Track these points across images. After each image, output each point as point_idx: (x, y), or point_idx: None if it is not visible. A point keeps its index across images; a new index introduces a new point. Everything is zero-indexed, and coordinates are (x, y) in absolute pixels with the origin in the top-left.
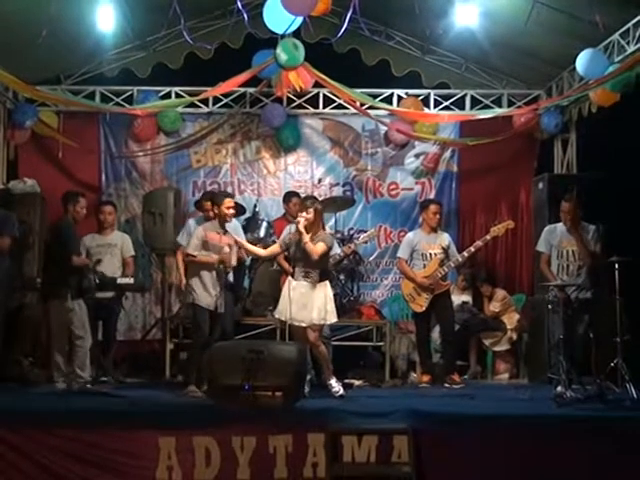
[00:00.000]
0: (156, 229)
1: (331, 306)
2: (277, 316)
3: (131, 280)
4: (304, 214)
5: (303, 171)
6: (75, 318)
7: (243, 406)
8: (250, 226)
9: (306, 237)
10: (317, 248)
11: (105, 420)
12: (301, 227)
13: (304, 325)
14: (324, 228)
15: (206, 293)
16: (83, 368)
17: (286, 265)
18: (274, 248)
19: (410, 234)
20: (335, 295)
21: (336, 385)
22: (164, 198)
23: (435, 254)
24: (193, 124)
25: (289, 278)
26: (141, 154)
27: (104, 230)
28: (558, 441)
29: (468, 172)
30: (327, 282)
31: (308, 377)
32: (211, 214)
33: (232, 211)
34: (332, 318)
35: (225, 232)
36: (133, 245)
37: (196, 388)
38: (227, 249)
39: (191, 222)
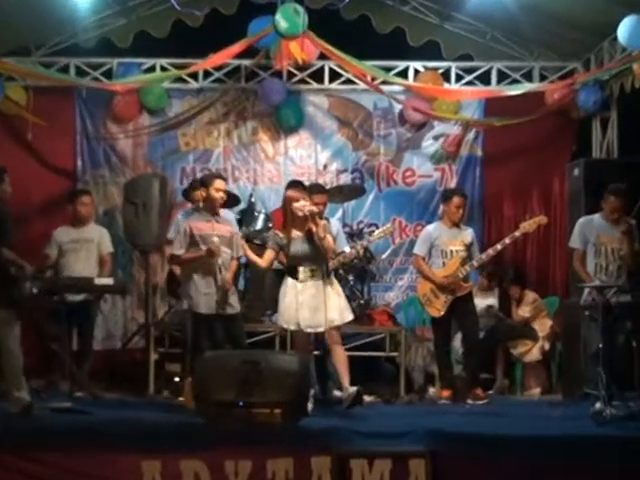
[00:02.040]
0: (139, 222)
1: (345, 302)
2: (285, 326)
3: (110, 281)
4: (302, 202)
5: (306, 156)
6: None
7: (237, 425)
8: (245, 219)
9: (322, 230)
10: (331, 241)
11: (79, 441)
12: (318, 219)
13: (321, 330)
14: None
15: (203, 296)
16: (19, 388)
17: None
18: (269, 254)
19: (429, 227)
20: None
21: (350, 387)
22: (148, 186)
23: (457, 251)
24: (181, 102)
25: (290, 282)
26: (122, 136)
27: (79, 223)
28: (597, 465)
29: (494, 157)
30: (333, 277)
31: (312, 392)
32: (201, 204)
33: (222, 194)
34: (349, 315)
35: (217, 220)
36: (112, 240)
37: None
38: (216, 239)
39: (180, 216)
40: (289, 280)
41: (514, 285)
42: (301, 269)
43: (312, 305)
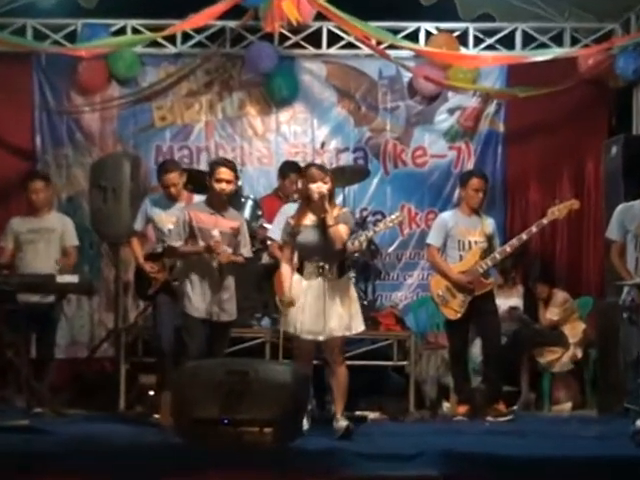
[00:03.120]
0: (107, 209)
1: (356, 309)
2: (285, 329)
3: (75, 278)
4: (320, 184)
5: (301, 132)
6: None
7: (222, 446)
8: (231, 205)
9: (332, 216)
10: (342, 231)
11: (37, 465)
12: (327, 204)
13: (321, 339)
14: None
15: (198, 297)
16: None
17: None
18: (286, 252)
19: (444, 215)
20: None
21: (342, 420)
22: (118, 168)
23: (476, 242)
24: (156, 69)
25: (296, 278)
26: (87, 109)
27: (37, 211)
28: None
29: (518, 133)
30: (348, 277)
31: (308, 408)
32: (173, 191)
33: (224, 186)
34: (358, 326)
35: (223, 215)
36: (77, 231)
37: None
38: (216, 233)
39: (148, 201)
40: (296, 276)
41: (541, 283)
42: (307, 264)
43: (315, 308)
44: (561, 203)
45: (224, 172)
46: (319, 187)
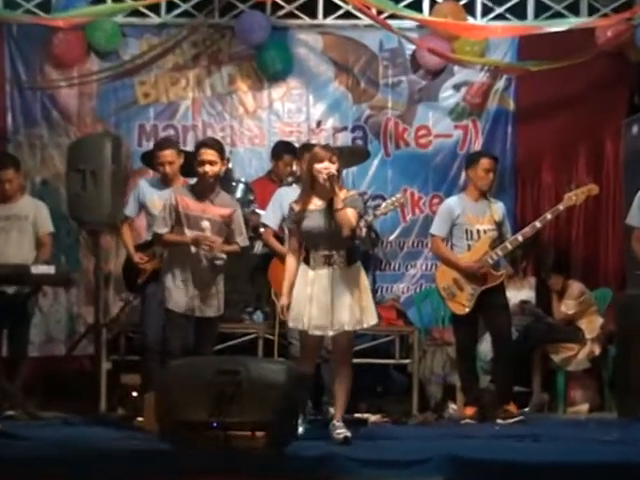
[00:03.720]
0: (87, 194)
1: (368, 301)
2: (292, 325)
3: (50, 269)
4: (327, 164)
5: (295, 110)
6: None
7: (210, 451)
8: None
9: (340, 199)
10: (350, 215)
11: (10, 473)
12: (336, 185)
13: (330, 333)
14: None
15: (180, 291)
16: None
17: (278, 246)
18: (292, 242)
19: (450, 201)
20: None
21: (340, 427)
22: (98, 149)
23: (485, 231)
24: (138, 41)
25: (302, 268)
26: (64, 85)
27: (8, 198)
28: None
29: (530, 111)
30: (359, 265)
31: (304, 410)
32: (168, 170)
33: (208, 168)
34: (371, 319)
35: (212, 200)
36: (53, 218)
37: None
38: (206, 224)
39: (143, 184)
40: (302, 266)
41: (555, 274)
42: (314, 252)
43: (323, 301)
44: (578, 188)
45: (206, 153)
46: (327, 167)
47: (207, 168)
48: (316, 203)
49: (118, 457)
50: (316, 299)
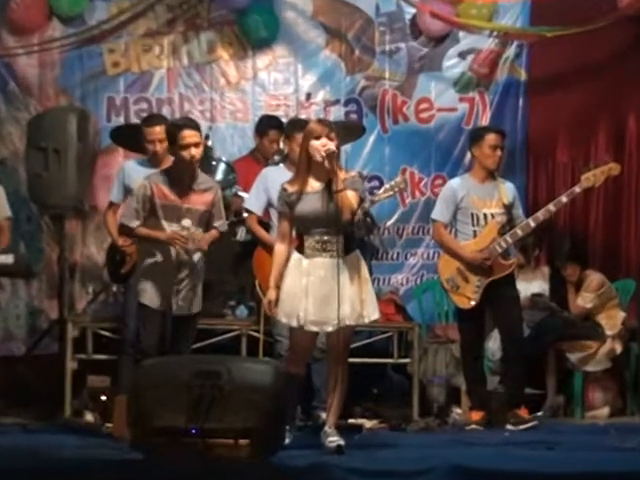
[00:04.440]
0: (49, 175)
1: (368, 292)
2: (285, 321)
3: (9, 258)
4: (325, 140)
5: (282, 81)
6: None
7: (188, 461)
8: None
9: (340, 179)
10: (351, 198)
11: None
12: (335, 164)
13: (329, 329)
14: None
15: (154, 285)
16: None
17: (263, 233)
18: (283, 226)
19: (453, 183)
20: None
21: (333, 434)
22: (62, 125)
23: (492, 215)
24: (106, 4)
25: (295, 257)
26: (23, 53)
27: None
28: None
29: (544, 82)
30: (358, 253)
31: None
32: (158, 149)
33: (194, 151)
34: (373, 313)
35: (192, 187)
36: (10, 201)
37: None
38: (187, 223)
39: (128, 165)
40: (295, 254)
41: (571, 263)
42: (309, 239)
43: (320, 293)
44: (597, 167)
45: (190, 135)
46: (325, 144)
47: (194, 151)
48: (312, 185)
49: (85, 468)
50: (312, 291)
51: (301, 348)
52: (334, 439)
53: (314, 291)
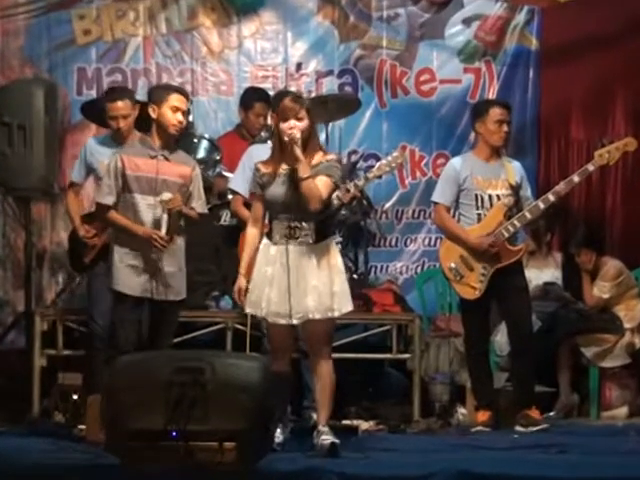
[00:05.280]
0: (14, 154)
1: (341, 284)
2: (249, 311)
3: None
4: (292, 122)
5: (270, 50)
6: None
7: (168, 467)
8: (179, 147)
9: (306, 166)
10: (321, 186)
11: None
12: (298, 151)
13: (293, 322)
14: (322, 148)
15: (131, 269)
16: None
17: (247, 214)
18: (256, 208)
19: (455, 161)
20: None
21: (326, 432)
22: (28, 98)
23: (499, 197)
24: None
25: (264, 243)
26: None
27: None
28: None
29: (557, 51)
30: (331, 242)
31: (282, 415)
32: (122, 125)
33: (181, 116)
34: (345, 306)
35: (167, 156)
36: None
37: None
38: (167, 196)
39: (90, 143)
40: (264, 240)
41: (586, 249)
42: (277, 224)
43: (285, 282)
44: (611, 143)
45: (180, 99)
46: (291, 127)
47: (181, 117)
48: (284, 167)
49: (54, 474)
50: (277, 280)
51: (277, 342)
52: (327, 437)
53: (279, 281)
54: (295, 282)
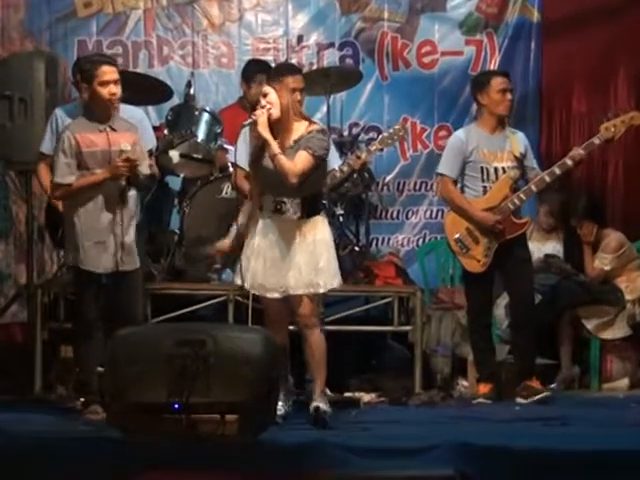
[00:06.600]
0: (15, 127)
1: (328, 260)
2: (238, 282)
3: None
4: (263, 101)
5: (271, 22)
6: None
7: (171, 440)
8: (181, 120)
9: (274, 144)
10: (297, 162)
11: None
12: (262, 129)
13: (275, 295)
14: (308, 120)
15: (95, 246)
16: None
17: (248, 187)
18: (251, 180)
19: (459, 133)
20: None
21: (318, 400)
22: (28, 71)
23: (504, 169)
24: None
25: (257, 215)
26: None
27: None
28: None
29: (559, 23)
30: (320, 218)
31: (284, 388)
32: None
33: (113, 88)
34: (329, 282)
35: (113, 127)
36: None
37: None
38: (127, 147)
39: (59, 113)
40: (257, 213)
41: (587, 221)
42: (265, 198)
43: (270, 256)
44: (617, 117)
45: (110, 71)
46: (262, 106)
47: (114, 89)
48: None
49: (57, 447)
50: (262, 254)
51: (271, 315)
52: (317, 404)
53: (264, 254)
54: (280, 257)
